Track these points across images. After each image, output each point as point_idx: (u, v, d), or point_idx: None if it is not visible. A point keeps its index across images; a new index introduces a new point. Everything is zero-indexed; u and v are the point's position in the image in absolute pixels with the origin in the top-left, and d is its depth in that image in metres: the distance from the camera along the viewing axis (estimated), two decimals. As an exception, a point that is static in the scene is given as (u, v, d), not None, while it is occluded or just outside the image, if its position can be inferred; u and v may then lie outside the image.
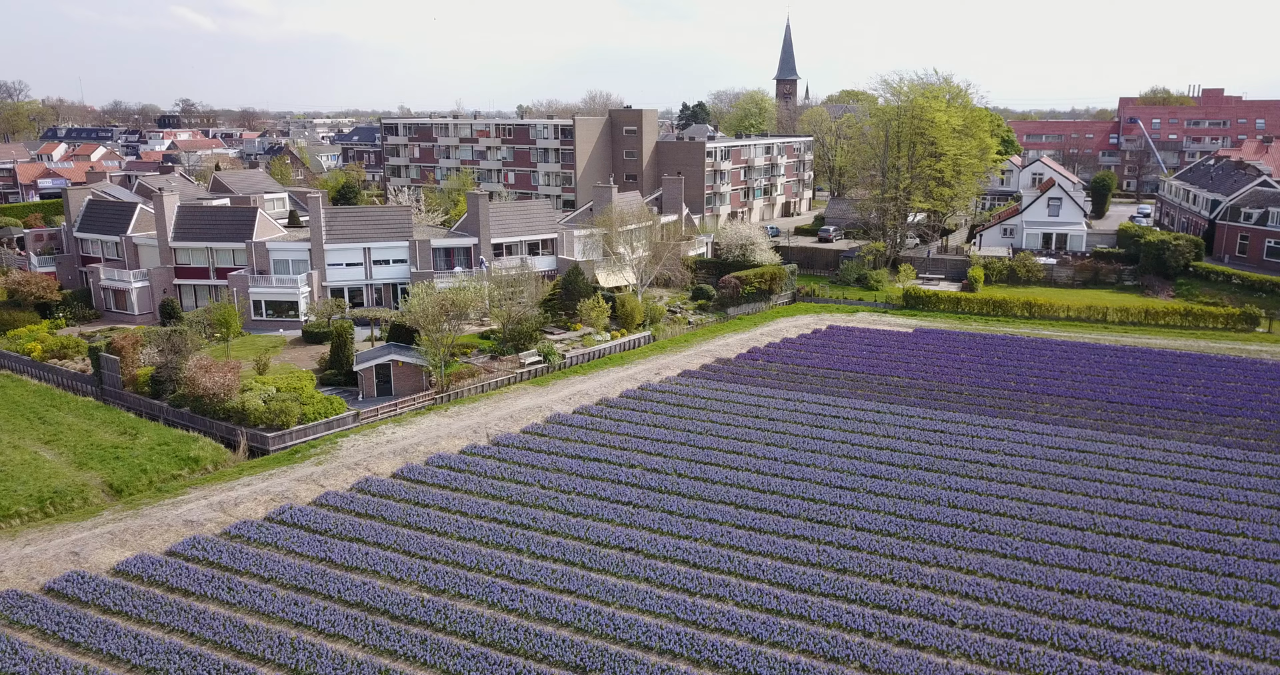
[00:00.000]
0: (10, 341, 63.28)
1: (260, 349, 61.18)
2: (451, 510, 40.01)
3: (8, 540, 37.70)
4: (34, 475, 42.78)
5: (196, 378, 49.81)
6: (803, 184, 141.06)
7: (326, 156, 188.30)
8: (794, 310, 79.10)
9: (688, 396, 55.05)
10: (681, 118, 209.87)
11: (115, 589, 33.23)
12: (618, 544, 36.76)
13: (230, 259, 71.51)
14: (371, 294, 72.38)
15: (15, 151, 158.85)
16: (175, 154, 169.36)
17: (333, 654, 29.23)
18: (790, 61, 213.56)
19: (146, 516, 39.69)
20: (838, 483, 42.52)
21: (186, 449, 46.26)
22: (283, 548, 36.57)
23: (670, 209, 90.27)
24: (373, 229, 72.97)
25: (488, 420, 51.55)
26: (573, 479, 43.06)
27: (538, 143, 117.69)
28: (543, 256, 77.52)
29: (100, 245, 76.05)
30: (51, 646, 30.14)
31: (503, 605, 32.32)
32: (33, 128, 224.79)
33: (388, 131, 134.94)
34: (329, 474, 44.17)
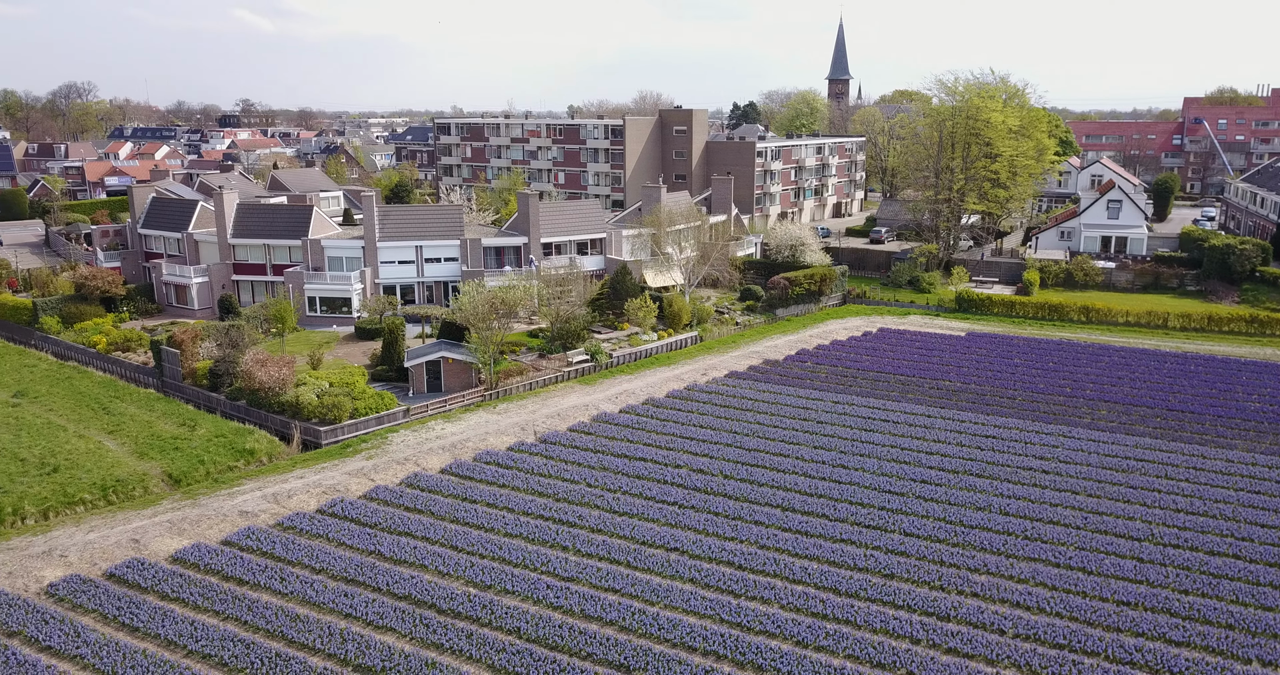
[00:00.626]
0: (77, 334, 65.33)
1: (314, 344, 62.36)
2: (499, 506, 40.36)
3: (72, 526, 38.93)
4: (98, 464, 44.12)
5: (253, 372, 50.91)
6: (854, 185, 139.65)
7: (381, 156, 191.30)
8: (844, 312, 78.34)
9: (735, 398, 54.83)
10: (732, 118, 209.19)
11: (173, 576, 34.11)
12: (663, 544, 36.75)
13: (287, 256, 72.99)
14: (423, 291, 73.32)
15: (84, 150, 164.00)
16: (235, 153, 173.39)
17: (381, 645, 29.67)
18: (843, 61, 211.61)
19: (204, 506, 40.69)
20: (886, 487, 42.02)
21: (242, 441, 47.31)
22: (333, 540, 37.22)
23: (719, 209, 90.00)
24: (425, 227, 73.91)
25: (535, 418, 51.90)
26: (619, 478, 43.15)
27: (588, 143, 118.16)
28: (591, 256, 77.81)
29: (163, 241, 78.15)
30: (112, 630, 31.04)
31: (548, 602, 32.51)
32: (101, 127, 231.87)
33: (440, 131, 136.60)
34: (379, 468, 44.84)
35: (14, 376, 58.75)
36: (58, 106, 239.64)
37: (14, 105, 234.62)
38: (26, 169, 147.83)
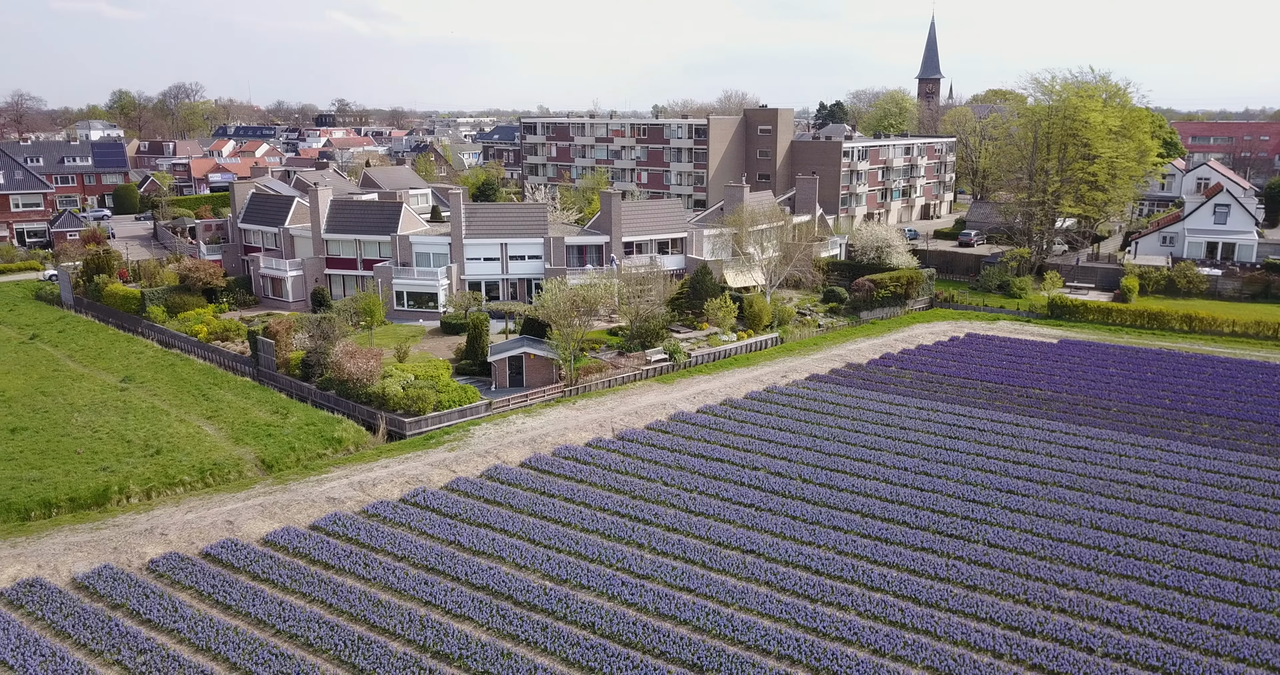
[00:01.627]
0: (181, 323, 68.38)
1: (401, 338, 63.93)
2: (576, 501, 40.72)
3: (172, 506, 40.77)
4: (196, 448, 46.11)
5: (342, 363, 52.47)
6: (943, 186, 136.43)
7: (468, 154, 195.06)
8: (930, 316, 76.61)
9: (815, 401, 54.15)
10: (818, 117, 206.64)
11: (264, 558, 35.41)
12: (739, 546, 36.53)
13: (376, 251, 75.02)
14: (507, 288, 74.47)
15: (190, 148, 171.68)
16: (330, 151, 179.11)
17: (458, 634, 30.24)
18: (934, 60, 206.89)
19: (293, 492, 42.13)
20: (971, 496, 40.92)
21: (331, 430, 48.81)
22: (415, 529, 38.09)
23: (803, 209, 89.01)
24: (510, 225, 75.04)
25: (613, 415, 52.19)
26: (695, 478, 43.06)
27: (671, 142, 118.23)
28: (672, 255, 77.86)
29: (261, 235, 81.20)
30: (206, 607, 32.40)
31: (622, 599, 32.66)
32: (206, 126, 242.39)
33: (527, 130, 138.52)
34: (461, 460, 45.72)
35: (122, 362, 61.83)
36: (167, 106, 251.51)
37: (128, 105, 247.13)
38: (138, 166, 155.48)
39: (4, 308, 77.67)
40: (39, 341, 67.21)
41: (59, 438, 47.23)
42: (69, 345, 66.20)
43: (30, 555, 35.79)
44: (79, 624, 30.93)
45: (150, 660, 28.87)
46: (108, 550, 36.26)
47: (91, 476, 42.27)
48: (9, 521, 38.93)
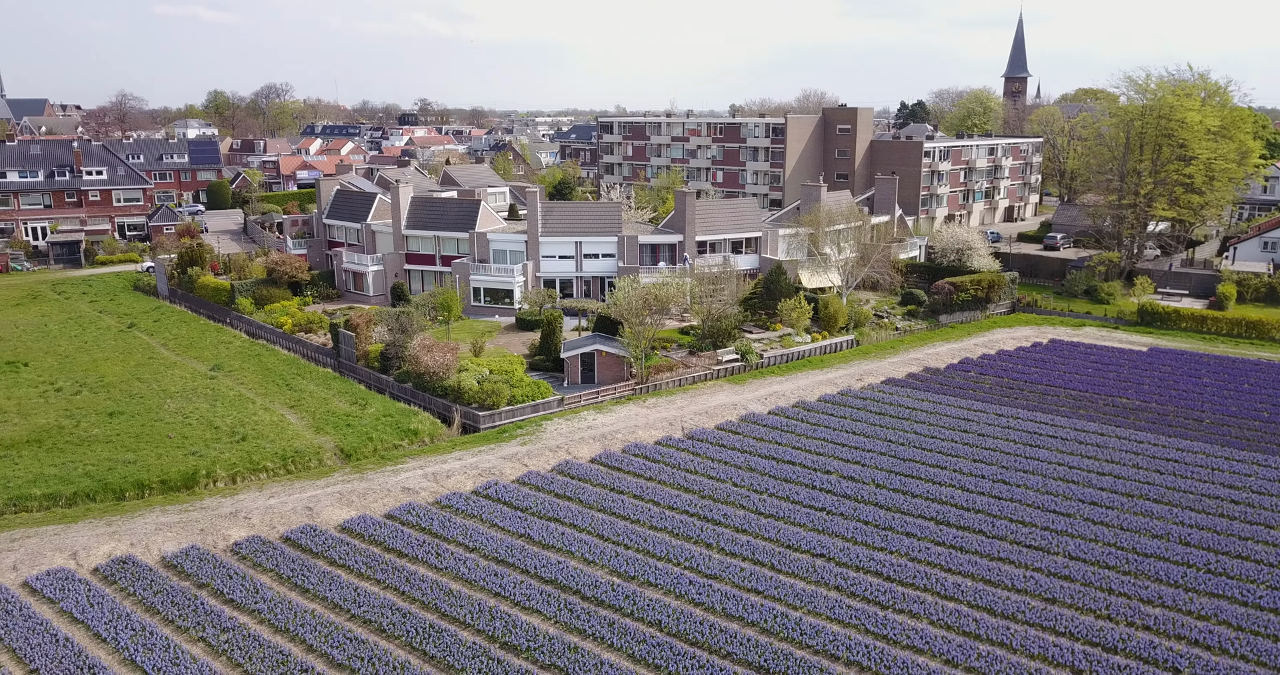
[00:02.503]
0: (267, 315, 70.72)
1: (477, 333, 64.96)
2: (645, 499, 40.77)
3: (255, 491, 42.19)
4: (280, 435, 47.62)
5: (419, 356, 53.57)
6: (1028, 187, 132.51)
7: (546, 153, 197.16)
8: (1012, 321, 74.52)
9: (890, 405, 53.18)
10: (899, 117, 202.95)
11: (340, 544, 36.37)
12: (809, 549, 36.10)
13: (455, 247, 76.36)
14: (580, 286, 75.01)
15: (279, 146, 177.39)
16: (412, 149, 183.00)
17: (526, 626, 30.57)
18: (1021, 58, 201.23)
19: (370, 481, 43.17)
20: (1051, 507, 39.65)
21: (407, 421, 49.86)
22: (487, 521, 38.65)
23: (882, 210, 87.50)
24: (585, 224, 75.56)
25: (684, 414, 52.11)
26: (765, 480, 42.71)
27: (748, 141, 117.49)
28: (746, 255, 77.36)
29: (344, 231, 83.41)
30: (285, 590, 33.42)
31: (690, 598, 32.57)
32: (295, 125, 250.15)
33: (603, 130, 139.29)
34: (532, 454, 46.22)
35: (213, 351, 64.26)
36: (259, 106, 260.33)
37: (222, 105, 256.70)
38: (230, 163, 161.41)
39: (105, 297, 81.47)
40: (136, 330, 70.31)
41: (152, 422, 49.31)
42: (163, 334, 69.08)
43: (124, 534, 37.44)
44: (167, 601, 32.23)
45: (232, 639, 29.91)
46: (195, 531, 37.69)
47: (181, 460, 44.02)
48: (105, 500, 40.81)
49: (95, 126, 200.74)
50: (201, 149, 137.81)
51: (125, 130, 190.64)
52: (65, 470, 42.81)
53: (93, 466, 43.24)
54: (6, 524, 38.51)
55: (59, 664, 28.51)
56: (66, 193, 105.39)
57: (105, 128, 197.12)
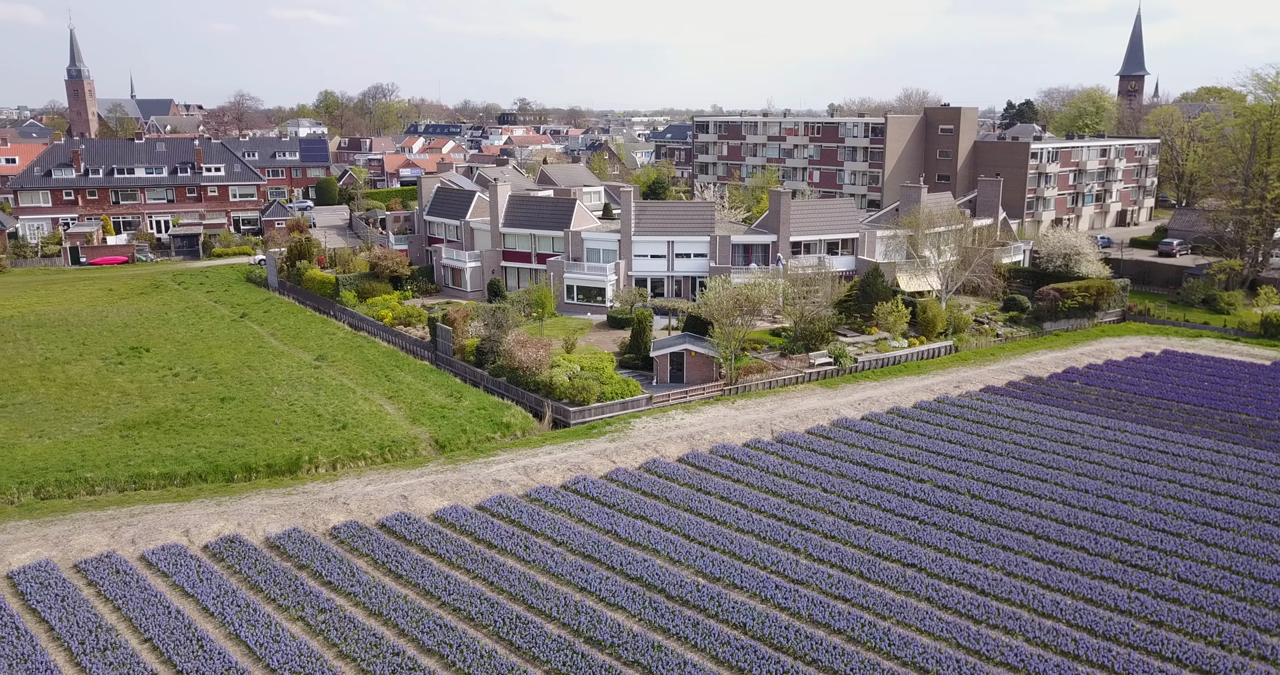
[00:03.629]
0: (369, 308, 73.10)
1: (569, 329, 65.74)
2: (732, 501, 40.55)
3: (354, 478, 43.65)
4: (378, 425, 49.14)
5: (513, 351, 54.52)
6: (1143, 191, 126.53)
7: (641, 153, 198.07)
8: (1122, 330, 71.29)
9: (989, 414, 51.54)
10: (1005, 117, 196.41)
11: (433, 533, 37.30)
12: (899, 558, 35.30)
13: (550, 245, 77.42)
14: (671, 285, 75.09)
15: (384, 145, 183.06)
16: (510, 148, 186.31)
17: (611, 622, 30.77)
18: (1138, 55, 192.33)
19: (463, 472, 44.15)
20: (1160, 526, 37.77)
21: (500, 415, 50.80)
22: (575, 516, 39.06)
23: (985, 212, 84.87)
24: (677, 223, 75.60)
25: (773, 417, 51.61)
26: (856, 486, 41.95)
27: (846, 141, 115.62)
28: (841, 256, 76.11)
29: (444, 228, 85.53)
30: (380, 575, 34.47)
31: (775, 602, 32.24)
32: (399, 124, 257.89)
33: (699, 129, 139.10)
34: (620, 451, 46.50)
35: (317, 342, 66.78)
36: (366, 105, 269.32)
37: (332, 104, 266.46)
38: (338, 161, 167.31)
39: (220, 288, 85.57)
40: (247, 320, 73.62)
41: (260, 408, 51.54)
42: (272, 324, 72.13)
43: (232, 514, 39.25)
44: (269, 580, 33.63)
45: (329, 620, 31.02)
46: (297, 514, 39.22)
47: (286, 445, 45.87)
48: (216, 481, 42.87)
49: (215, 125, 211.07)
50: (312, 147, 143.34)
51: (242, 129, 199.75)
52: (180, 451, 45.13)
53: (205, 448, 45.46)
54: (127, 500, 40.84)
55: (170, 635, 30.07)
56: (188, 188, 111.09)
57: (224, 126, 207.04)
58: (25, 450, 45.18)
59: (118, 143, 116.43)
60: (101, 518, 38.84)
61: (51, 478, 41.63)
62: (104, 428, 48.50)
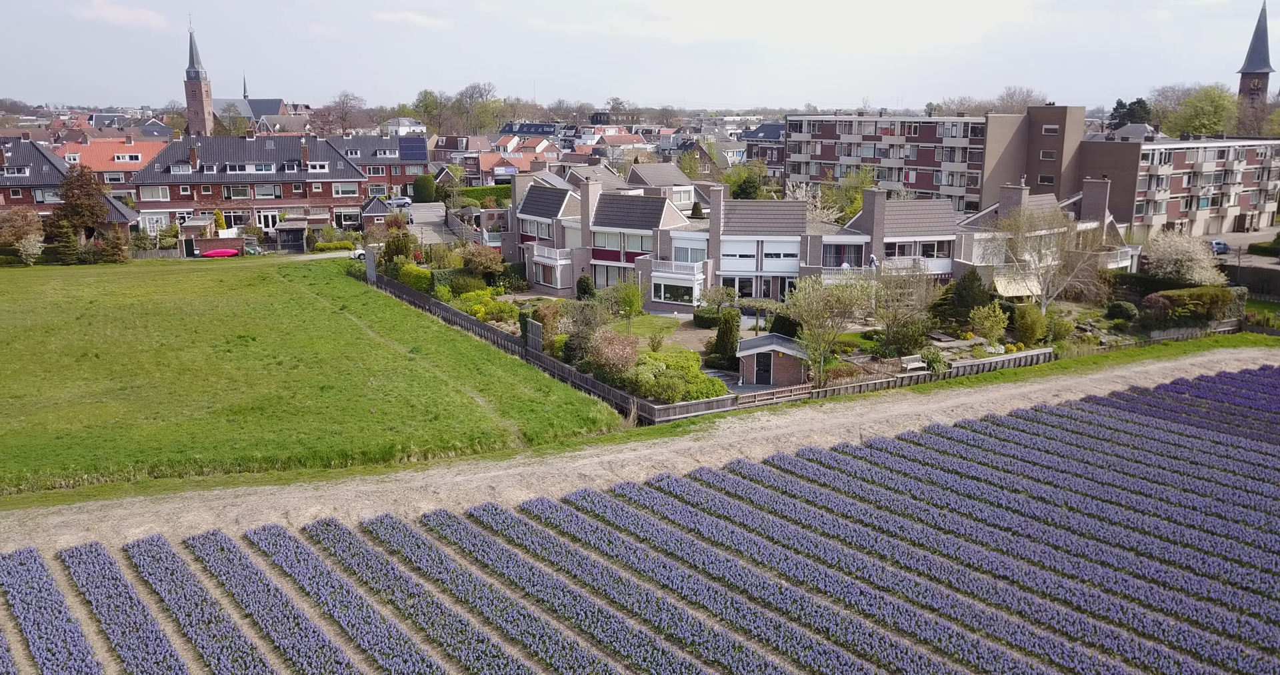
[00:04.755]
0: (462, 303, 74.75)
1: (656, 328, 65.93)
2: (818, 505, 40.04)
3: (444, 467, 44.72)
4: (469, 417, 50.23)
5: (601, 348, 54.99)
6: (1264, 195, 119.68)
7: (732, 152, 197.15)
8: (1237, 341, 67.60)
9: (1090, 424, 49.57)
10: (1114, 117, 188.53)
11: (519, 524, 37.94)
12: (990, 570, 34.28)
13: (639, 244, 77.79)
14: (760, 285, 74.55)
15: (480, 143, 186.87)
16: (602, 148, 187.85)
17: (692, 620, 30.75)
18: (1262, 52, 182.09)
19: (549, 465, 44.77)
20: (1275, 547, 35.69)
21: (586, 410, 51.31)
22: (658, 513, 39.17)
23: (1090, 215, 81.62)
24: (767, 223, 75.00)
25: (862, 421, 50.74)
26: (946, 494, 40.90)
27: (944, 141, 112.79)
28: (937, 258, 74.27)
29: (536, 225, 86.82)
30: (467, 563, 35.23)
31: (860, 608, 31.71)
32: (495, 123, 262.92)
33: (792, 129, 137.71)
34: (705, 451, 46.41)
35: (412, 335, 68.64)
36: (463, 105, 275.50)
37: (430, 104, 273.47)
38: (435, 159, 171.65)
39: (322, 281, 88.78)
40: (346, 312, 76.18)
41: (357, 398, 53.27)
42: (370, 317, 74.47)
43: (328, 498, 40.69)
44: (362, 564, 34.75)
45: (417, 604, 31.88)
46: (389, 501, 40.41)
47: (380, 434, 47.31)
48: (314, 466, 44.50)
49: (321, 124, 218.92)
50: (410, 145, 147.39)
51: (346, 128, 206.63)
52: (282, 436, 47.02)
53: (305, 435, 47.23)
54: (232, 481, 42.77)
55: (269, 611, 31.37)
56: (294, 185, 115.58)
57: (329, 126, 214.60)
58: (141, 431, 47.77)
59: (230, 141, 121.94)
60: (208, 497, 40.78)
61: (164, 457, 43.91)
62: (212, 412, 50.89)
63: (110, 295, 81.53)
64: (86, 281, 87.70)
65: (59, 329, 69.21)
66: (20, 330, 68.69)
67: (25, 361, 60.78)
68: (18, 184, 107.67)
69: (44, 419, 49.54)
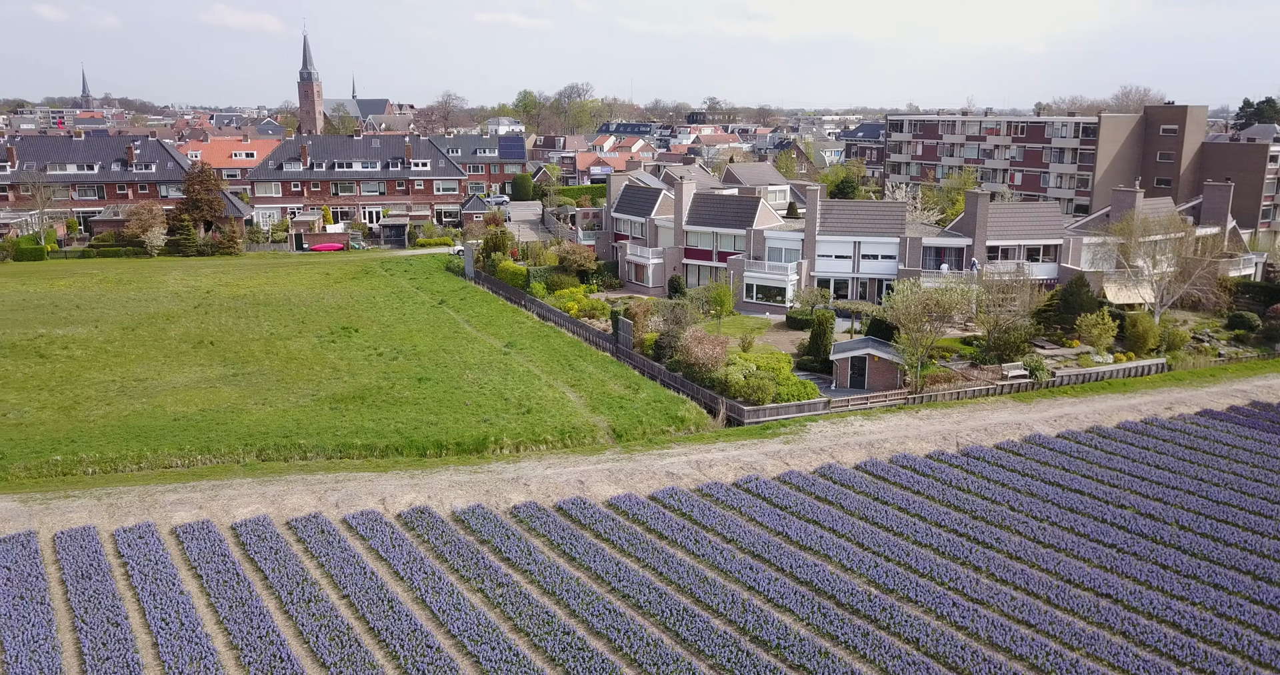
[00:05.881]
0: (556, 300, 75.78)
1: (746, 328, 65.51)
2: (910, 512, 39.14)
3: (535, 460, 45.43)
4: (560, 411, 50.90)
5: (691, 347, 54.95)
6: None
7: (830, 152, 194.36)
8: (1372, 355, 63.08)
9: (1205, 440, 47.06)
10: (1240, 116, 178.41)
11: (606, 519, 38.24)
12: (1092, 587, 32.91)
13: (732, 243, 77.41)
14: (856, 287, 73.27)
15: (577, 143, 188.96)
16: (698, 147, 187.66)
17: (778, 623, 30.46)
18: None
19: (637, 462, 44.98)
20: None
21: (675, 409, 51.36)
22: (745, 514, 38.92)
23: (1210, 220, 77.46)
24: (865, 224, 73.64)
25: (959, 429, 49.36)
26: (1047, 506, 39.43)
27: (1053, 142, 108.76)
28: (1043, 263, 71.62)
29: (629, 224, 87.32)
30: (555, 556, 35.70)
31: (952, 620, 30.86)
32: (592, 123, 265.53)
33: (892, 128, 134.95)
34: (794, 454, 45.90)
35: (508, 330, 69.96)
36: (561, 105, 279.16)
37: (530, 104, 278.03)
38: (533, 158, 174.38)
39: (422, 276, 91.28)
40: (445, 306, 78.13)
41: (453, 390, 54.58)
42: (467, 311, 76.20)
43: (423, 486, 41.82)
44: (454, 552, 35.59)
45: (506, 594, 32.47)
46: (481, 492, 41.29)
47: (474, 426, 48.36)
48: (410, 455, 45.79)
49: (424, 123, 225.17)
50: (509, 145, 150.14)
51: (448, 127, 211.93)
52: (380, 425, 48.55)
53: (402, 424, 48.65)
54: (333, 466, 44.40)
55: (365, 593, 32.44)
56: (397, 182, 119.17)
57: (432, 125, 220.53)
58: (251, 416, 50.02)
59: (339, 139, 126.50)
60: (311, 481, 42.42)
61: (271, 442, 45.88)
62: (316, 399, 52.91)
63: (225, 286, 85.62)
64: (204, 272, 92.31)
65: (178, 317, 73.06)
66: (144, 317, 72.78)
67: (148, 347, 64.37)
68: (145, 180, 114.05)
69: (163, 401, 52.37)
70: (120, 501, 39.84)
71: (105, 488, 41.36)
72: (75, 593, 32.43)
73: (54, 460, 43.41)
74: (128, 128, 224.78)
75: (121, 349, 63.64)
